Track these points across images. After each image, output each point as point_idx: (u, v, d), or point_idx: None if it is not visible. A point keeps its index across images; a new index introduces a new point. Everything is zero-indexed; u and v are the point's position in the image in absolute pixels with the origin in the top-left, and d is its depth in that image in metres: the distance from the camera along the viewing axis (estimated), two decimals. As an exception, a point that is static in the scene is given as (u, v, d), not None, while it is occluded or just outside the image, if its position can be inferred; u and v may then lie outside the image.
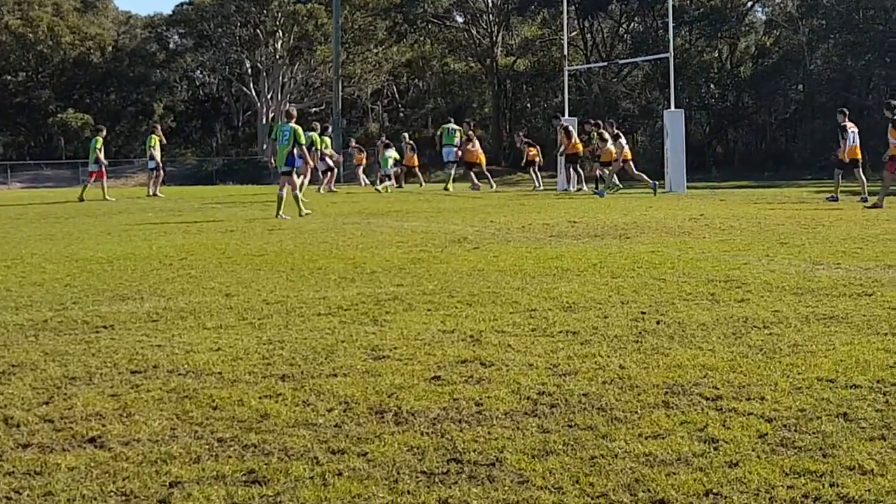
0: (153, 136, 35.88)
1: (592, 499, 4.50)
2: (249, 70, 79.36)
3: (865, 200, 24.41)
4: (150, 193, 35.11)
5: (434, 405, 5.95)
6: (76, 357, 7.30)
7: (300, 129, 22.62)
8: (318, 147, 29.81)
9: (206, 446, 5.25)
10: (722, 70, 67.53)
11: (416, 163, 40.80)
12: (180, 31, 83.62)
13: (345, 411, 5.85)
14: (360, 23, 77.77)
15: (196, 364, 7.03)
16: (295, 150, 22.11)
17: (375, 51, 79.13)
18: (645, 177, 31.74)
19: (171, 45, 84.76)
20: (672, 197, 28.86)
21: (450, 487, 4.65)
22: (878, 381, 6.27)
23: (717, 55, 68.50)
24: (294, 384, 6.47)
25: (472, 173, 36.80)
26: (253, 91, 78.71)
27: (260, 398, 6.15)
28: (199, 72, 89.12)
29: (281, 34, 77.51)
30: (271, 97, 77.25)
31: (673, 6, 53.31)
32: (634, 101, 69.98)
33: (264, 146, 73.91)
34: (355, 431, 5.47)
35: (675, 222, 18.12)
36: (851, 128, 27.00)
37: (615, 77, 69.39)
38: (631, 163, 32.34)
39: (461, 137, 36.79)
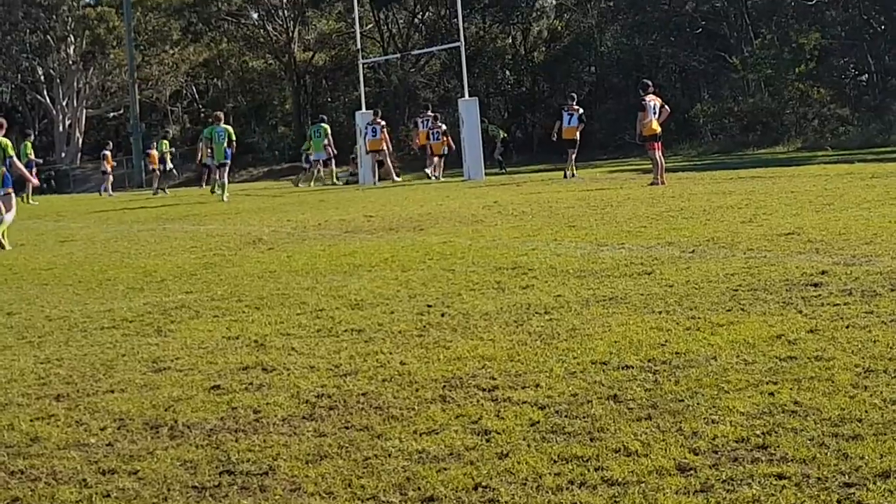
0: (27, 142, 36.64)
1: (363, 501, 4.50)
2: (42, 77, 77.21)
3: (574, 177, 29.51)
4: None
5: (211, 416, 5.88)
6: None
7: (231, 129, 30.19)
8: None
9: (-29, 477, 5.09)
10: (516, 56, 68.31)
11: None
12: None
13: (119, 429, 5.74)
14: (153, 24, 76.37)
15: (-33, 390, 6.81)
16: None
17: (171, 52, 77.77)
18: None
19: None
20: (470, 185, 29.15)
21: (220, 501, 4.60)
22: (649, 361, 6.43)
23: (510, 41, 69.26)
24: (69, 404, 6.32)
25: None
26: (48, 98, 76.66)
27: (31, 421, 5.99)
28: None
29: (73, 39, 75.67)
30: (67, 104, 75.40)
31: (464, -6, 53.82)
32: (433, 91, 70.36)
33: (62, 154, 72.18)
34: (128, 449, 5.37)
35: (469, 211, 18.30)
36: (569, 111, 30.38)
37: (413, 67, 69.63)
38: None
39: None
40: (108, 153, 47.04)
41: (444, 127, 36.67)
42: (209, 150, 31.06)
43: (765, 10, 58.76)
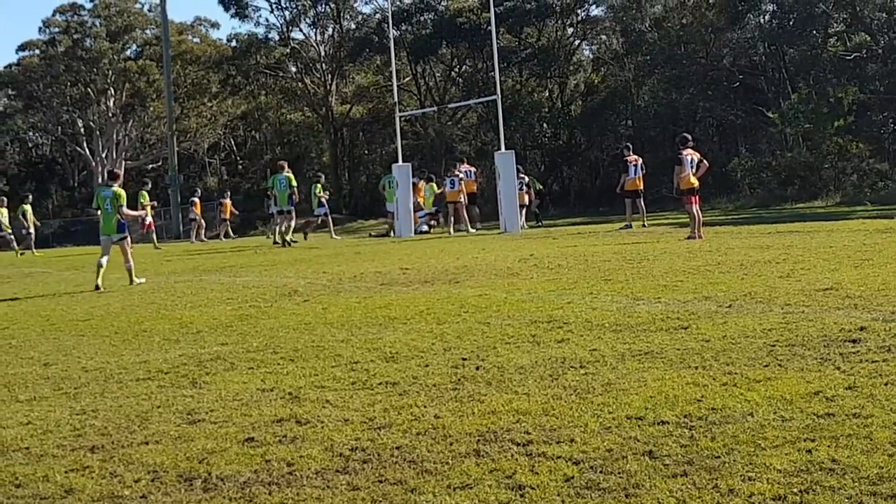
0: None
1: (395, 556, 4.48)
2: (82, 129, 78.02)
3: (629, 227, 29.37)
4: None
5: (245, 469, 5.88)
6: None
7: (292, 176, 30.94)
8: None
9: (5, 528, 5.11)
10: (553, 109, 68.36)
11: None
12: (9, 93, 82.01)
13: (153, 481, 5.74)
14: (192, 77, 77.19)
15: (3, 440, 6.84)
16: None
17: (210, 104, 78.55)
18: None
19: (0, 108, 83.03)
20: (506, 237, 29.14)
21: (252, 554, 4.59)
22: (685, 416, 6.38)
23: (547, 94, 69.41)
24: (103, 455, 6.33)
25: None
26: (87, 150, 77.46)
27: (66, 472, 6.01)
28: (30, 133, 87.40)
29: (112, 92, 76.53)
30: (106, 156, 76.14)
31: (502, 47, 54.01)
32: (470, 144, 70.51)
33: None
34: (161, 502, 5.37)
35: (505, 264, 18.27)
36: (633, 161, 30.72)
37: (450, 120, 69.90)
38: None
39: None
40: (196, 199, 45.93)
41: (526, 178, 37.17)
42: (273, 198, 32.00)
43: (802, 65, 58.68)
